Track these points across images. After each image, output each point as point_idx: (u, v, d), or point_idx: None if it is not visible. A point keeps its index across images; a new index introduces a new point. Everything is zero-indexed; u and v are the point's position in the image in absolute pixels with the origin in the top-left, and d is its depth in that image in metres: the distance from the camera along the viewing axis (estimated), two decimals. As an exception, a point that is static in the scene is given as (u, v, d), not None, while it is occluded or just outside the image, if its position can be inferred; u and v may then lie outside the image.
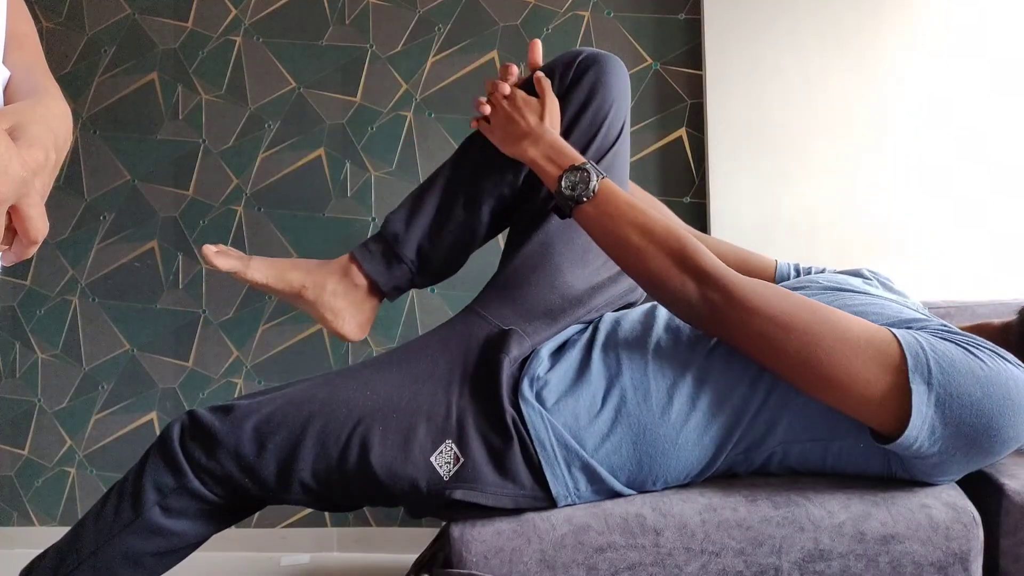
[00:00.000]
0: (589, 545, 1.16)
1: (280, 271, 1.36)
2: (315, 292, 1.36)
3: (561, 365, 1.27)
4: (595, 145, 1.34)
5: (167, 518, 1.22)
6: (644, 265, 1.19)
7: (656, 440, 1.21)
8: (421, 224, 1.36)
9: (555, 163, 1.26)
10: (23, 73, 0.86)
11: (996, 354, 1.13)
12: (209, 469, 1.22)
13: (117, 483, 1.26)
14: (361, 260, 1.37)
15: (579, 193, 1.22)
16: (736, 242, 1.97)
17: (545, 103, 1.33)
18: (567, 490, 1.20)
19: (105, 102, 2.18)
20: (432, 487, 1.18)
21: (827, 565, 1.14)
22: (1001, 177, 1.93)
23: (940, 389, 1.09)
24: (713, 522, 1.16)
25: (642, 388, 1.22)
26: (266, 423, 1.23)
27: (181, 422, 1.26)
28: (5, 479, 2.23)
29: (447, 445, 1.20)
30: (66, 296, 2.20)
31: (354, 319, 1.39)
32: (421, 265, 1.38)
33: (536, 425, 1.20)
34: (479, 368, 1.25)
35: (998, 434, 1.12)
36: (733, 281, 1.15)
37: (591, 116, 1.34)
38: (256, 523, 2.18)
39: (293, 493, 1.24)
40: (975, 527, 1.15)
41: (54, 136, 0.78)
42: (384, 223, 1.38)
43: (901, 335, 1.12)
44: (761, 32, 1.96)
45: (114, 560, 1.22)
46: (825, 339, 1.12)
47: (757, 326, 1.13)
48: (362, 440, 1.20)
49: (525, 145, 1.29)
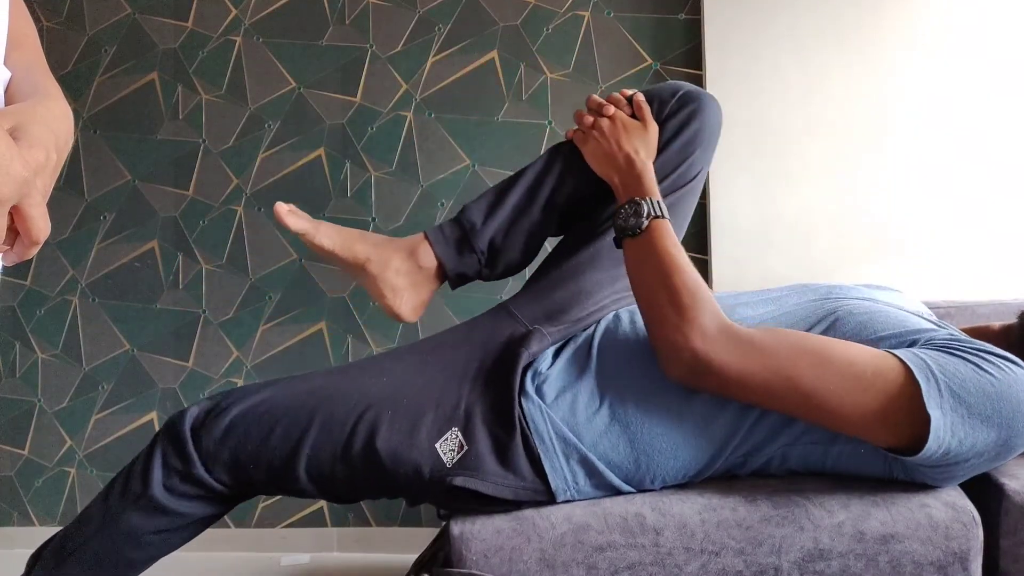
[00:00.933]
0: (589, 544, 1.16)
1: (348, 240, 1.37)
2: (379, 267, 1.36)
3: (561, 361, 1.28)
4: (668, 181, 1.35)
5: (172, 497, 1.24)
6: (655, 314, 1.20)
7: (653, 439, 1.21)
8: (499, 219, 1.37)
9: (628, 190, 1.28)
10: (24, 73, 0.86)
11: (1005, 360, 1.14)
12: (217, 456, 1.24)
13: (126, 466, 1.28)
14: (435, 241, 1.36)
15: (631, 225, 1.24)
16: (736, 242, 1.97)
17: (648, 129, 1.34)
18: (566, 483, 1.21)
19: (105, 102, 2.18)
20: (434, 473, 1.20)
21: (827, 564, 1.14)
22: (1001, 177, 1.93)
23: (954, 414, 1.09)
24: (713, 521, 1.16)
25: (639, 387, 1.23)
26: (277, 407, 1.25)
27: (192, 409, 1.28)
28: (5, 479, 2.23)
29: (453, 433, 1.21)
30: (66, 296, 2.20)
31: (411, 300, 1.38)
32: (490, 258, 1.38)
33: (535, 418, 1.21)
34: (497, 362, 1.27)
35: (1008, 445, 1.13)
36: (727, 363, 1.14)
37: (676, 152, 1.35)
38: (256, 523, 2.18)
39: (299, 480, 1.25)
40: (975, 527, 1.15)
41: (55, 136, 0.78)
42: (463, 210, 1.38)
43: (909, 359, 1.12)
44: (761, 32, 1.96)
45: (117, 538, 1.23)
46: (832, 381, 1.12)
47: (760, 383, 1.14)
48: (370, 424, 1.22)
49: (612, 168, 1.31)
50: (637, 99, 1.36)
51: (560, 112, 2.08)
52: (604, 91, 2.06)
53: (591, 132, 1.35)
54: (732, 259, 1.98)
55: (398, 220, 2.12)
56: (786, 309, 1.31)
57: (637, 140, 1.32)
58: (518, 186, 1.38)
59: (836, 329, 1.23)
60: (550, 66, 2.08)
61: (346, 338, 2.14)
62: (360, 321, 2.14)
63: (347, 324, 2.14)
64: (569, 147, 1.39)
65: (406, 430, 1.21)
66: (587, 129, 1.35)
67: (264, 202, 2.15)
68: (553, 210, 1.38)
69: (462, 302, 2.09)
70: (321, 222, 1.38)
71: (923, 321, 1.26)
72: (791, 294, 1.37)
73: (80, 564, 1.24)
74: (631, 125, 1.33)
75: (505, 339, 1.30)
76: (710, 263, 1.99)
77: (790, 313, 1.29)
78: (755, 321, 1.28)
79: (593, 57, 2.07)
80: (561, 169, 1.38)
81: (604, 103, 1.36)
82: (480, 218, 1.37)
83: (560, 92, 2.08)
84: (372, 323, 2.14)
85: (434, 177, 2.11)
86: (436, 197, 2.11)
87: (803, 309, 1.30)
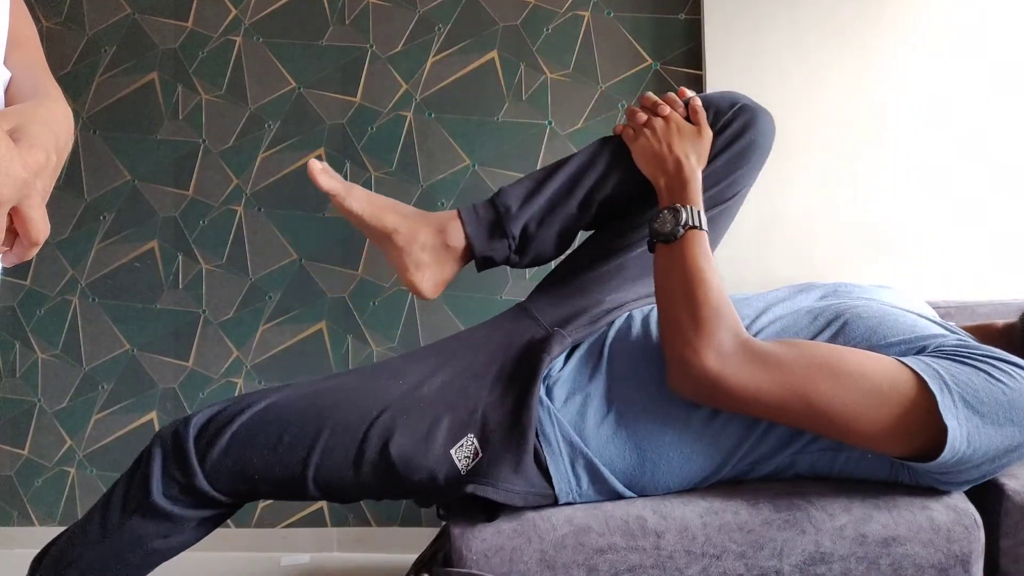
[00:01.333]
0: (590, 546, 1.16)
1: (379, 208, 1.33)
2: (406, 239, 1.32)
3: (572, 362, 1.27)
4: (711, 192, 1.32)
5: (172, 504, 1.22)
6: (672, 326, 1.18)
7: (661, 447, 1.21)
8: (535, 206, 1.33)
9: (672, 195, 1.25)
10: (24, 74, 0.85)
11: (1015, 367, 1.14)
12: (220, 467, 1.21)
13: (126, 471, 1.26)
14: (467, 221, 1.33)
15: (668, 232, 1.22)
16: (736, 242, 1.96)
17: (702, 135, 1.30)
18: (569, 486, 1.20)
19: (105, 102, 2.18)
20: (449, 479, 1.18)
21: (828, 568, 1.14)
22: (1001, 177, 1.92)
23: (968, 423, 1.10)
24: (714, 525, 1.16)
25: (649, 393, 1.22)
26: (286, 414, 1.23)
27: (196, 417, 1.25)
28: (5, 479, 2.23)
29: (469, 439, 1.19)
30: (66, 296, 2.20)
31: (434, 277, 1.34)
32: (521, 245, 1.35)
33: (543, 421, 1.20)
34: (517, 366, 1.25)
35: (1020, 451, 1.14)
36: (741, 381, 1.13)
37: (723, 164, 1.32)
38: (256, 523, 2.18)
39: (307, 488, 1.23)
40: (976, 529, 1.15)
41: (55, 137, 0.77)
42: (499, 193, 1.35)
43: (922, 370, 1.11)
44: (761, 32, 1.96)
45: (119, 545, 1.22)
46: (848, 396, 1.11)
47: (775, 401, 1.13)
48: (385, 428, 1.20)
49: (660, 170, 1.28)
50: (694, 103, 1.32)
51: (560, 112, 2.08)
52: (604, 91, 2.06)
53: (643, 130, 1.31)
54: (732, 259, 1.97)
55: (398, 220, 2.12)
56: (795, 309, 1.30)
57: (689, 145, 1.28)
58: (559, 176, 1.34)
59: (845, 335, 1.22)
60: (550, 66, 2.08)
61: (346, 338, 2.14)
62: (360, 321, 2.14)
63: (347, 324, 2.14)
64: (616, 143, 1.35)
65: (422, 435, 1.19)
66: (639, 127, 1.32)
67: (264, 202, 2.14)
68: (591, 205, 1.34)
69: (461, 302, 2.09)
70: (354, 185, 1.34)
71: (931, 325, 1.25)
72: (798, 294, 1.36)
73: (81, 572, 1.22)
74: (685, 128, 1.30)
75: (525, 342, 1.28)
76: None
77: (799, 313, 1.28)
78: (766, 323, 1.27)
79: (593, 57, 2.07)
80: (605, 164, 1.34)
81: (659, 102, 1.32)
82: (516, 203, 1.33)
83: (560, 92, 2.08)
84: (372, 323, 2.14)
85: (434, 177, 2.11)
86: (436, 197, 2.11)
87: (811, 310, 1.28)
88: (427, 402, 1.22)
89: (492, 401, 1.22)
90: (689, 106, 1.32)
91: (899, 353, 1.17)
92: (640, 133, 1.31)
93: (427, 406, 1.21)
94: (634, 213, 1.36)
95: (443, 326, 2.09)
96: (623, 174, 1.33)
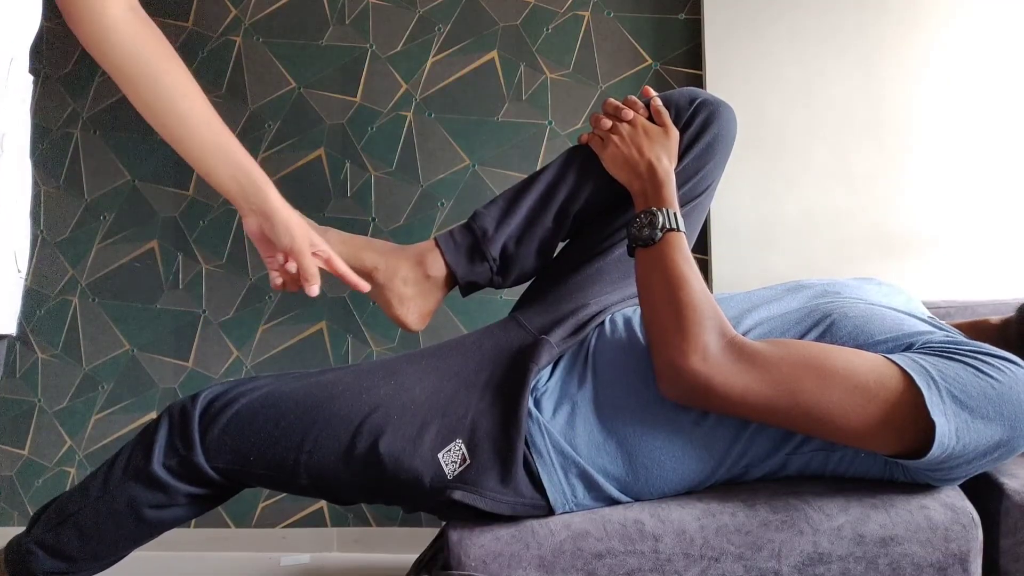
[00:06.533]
0: (588, 551, 1.16)
1: (355, 248, 1.35)
2: (386, 276, 1.34)
3: (558, 371, 1.27)
4: (684, 189, 1.32)
5: (170, 476, 1.24)
6: (658, 331, 1.19)
7: (652, 452, 1.21)
8: (511, 225, 1.34)
9: (647, 199, 1.26)
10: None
11: (1004, 360, 1.14)
12: (220, 444, 1.23)
13: (134, 437, 1.28)
14: (445, 249, 1.34)
15: (645, 236, 1.22)
16: (736, 242, 1.97)
17: (669, 134, 1.31)
18: (564, 497, 1.20)
19: (105, 102, 2.18)
20: (435, 483, 1.19)
21: (827, 568, 1.15)
22: (1001, 177, 1.92)
23: (957, 419, 1.10)
24: (712, 527, 1.16)
25: (637, 398, 1.22)
26: (285, 400, 1.25)
27: (204, 392, 1.27)
28: (5, 479, 2.23)
29: (456, 444, 1.20)
30: (66, 296, 2.20)
31: (419, 309, 1.37)
32: (502, 266, 1.36)
33: (533, 433, 1.20)
34: (507, 374, 1.25)
35: (1011, 445, 1.14)
36: (729, 383, 1.13)
37: (691, 162, 1.33)
38: (256, 523, 2.18)
39: (299, 475, 1.24)
40: (974, 528, 1.15)
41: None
42: (474, 216, 1.36)
43: (909, 366, 1.12)
44: (761, 32, 1.96)
45: (116, 507, 1.24)
46: (835, 395, 1.11)
47: (764, 402, 1.14)
48: (376, 426, 1.21)
49: (633, 174, 1.28)
50: (655, 104, 1.33)
51: (560, 112, 2.08)
52: (604, 91, 2.06)
53: (610, 136, 1.31)
54: (732, 259, 1.98)
55: (398, 220, 2.12)
56: (783, 311, 1.30)
57: (659, 146, 1.29)
58: (531, 192, 1.35)
59: (832, 334, 1.22)
60: (550, 66, 2.08)
61: (346, 338, 2.14)
62: (360, 321, 2.14)
63: (347, 324, 2.14)
64: (585, 152, 1.35)
65: (411, 436, 1.20)
66: (605, 134, 1.32)
67: (264, 202, 2.14)
68: (566, 217, 1.35)
69: (461, 302, 2.09)
70: (328, 228, 1.36)
71: (918, 322, 1.25)
72: (786, 294, 1.36)
73: (77, 528, 1.24)
74: (653, 131, 1.30)
75: (515, 350, 1.28)
76: (710, 263, 1.99)
77: (787, 315, 1.29)
78: (753, 325, 1.27)
79: (593, 57, 2.07)
80: (576, 175, 1.35)
81: (622, 106, 1.33)
82: (492, 225, 1.34)
83: (560, 92, 2.08)
84: (372, 323, 2.14)
85: (434, 177, 2.11)
86: (436, 197, 2.11)
87: (799, 311, 1.28)
88: (418, 404, 1.23)
89: (482, 408, 1.22)
90: (651, 108, 1.33)
91: (887, 351, 1.17)
92: (608, 140, 1.31)
93: (418, 408, 1.22)
94: (610, 219, 1.37)
95: (443, 326, 2.09)
96: (595, 183, 1.34)
